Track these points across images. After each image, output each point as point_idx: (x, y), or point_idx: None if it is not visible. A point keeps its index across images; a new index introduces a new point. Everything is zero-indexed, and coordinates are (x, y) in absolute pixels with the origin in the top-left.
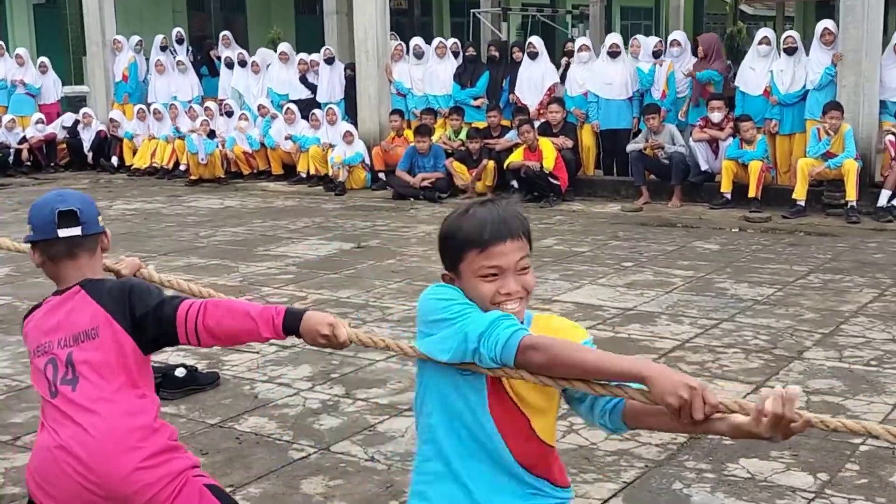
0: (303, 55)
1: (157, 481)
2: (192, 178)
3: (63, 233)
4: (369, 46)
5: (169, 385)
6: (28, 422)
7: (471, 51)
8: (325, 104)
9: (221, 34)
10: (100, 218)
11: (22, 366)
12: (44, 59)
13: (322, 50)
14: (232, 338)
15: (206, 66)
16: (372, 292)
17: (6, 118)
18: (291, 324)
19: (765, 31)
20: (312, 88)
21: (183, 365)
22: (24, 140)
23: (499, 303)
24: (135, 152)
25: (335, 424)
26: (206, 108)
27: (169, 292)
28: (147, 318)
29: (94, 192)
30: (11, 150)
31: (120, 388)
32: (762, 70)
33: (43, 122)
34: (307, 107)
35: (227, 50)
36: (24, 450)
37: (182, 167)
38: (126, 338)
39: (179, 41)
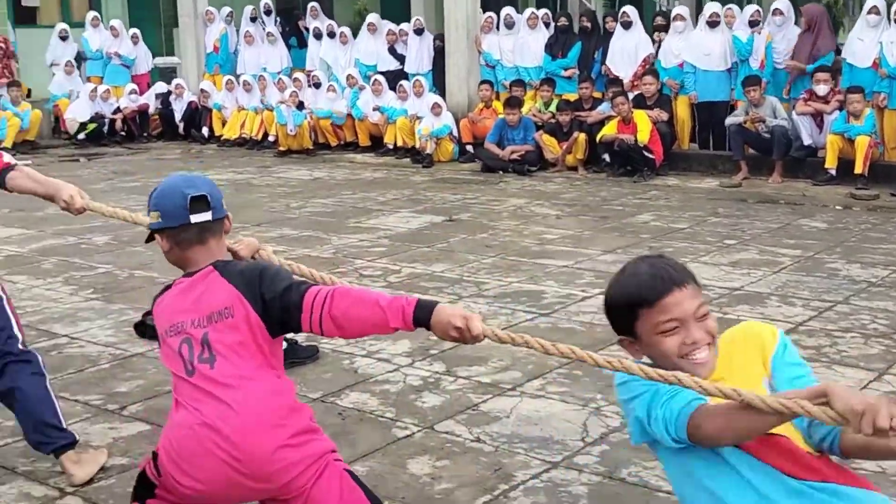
0: (391, 25)
1: (300, 461)
2: (281, 149)
3: (195, 218)
4: (459, 17)
5: None
6: (133, 391)
7: (563, 21)
8: (413, 75)
9: (310, 5)
10: (223, 200)
11: (125, 334)
12: (135, 30)
13: (412, 20)
14: (358, 329)
15: (295, 38)
16: (466, 267)
17: (101, 88)
18: (422, 315)
19: (874, 0)
20: (401, 59)
21: (283, 337)
22: (118, 110)
23: (686, 354)
24: (224, 123)
25: (438, 402)
26: (295, 80)
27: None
28: (274, 301)
29: (185, 162)
30: (106, 120)
31: (259, 367)
32: (871, 41)
33: (136, 93)
34: (395, 78)
35: (315, 21)
36: (130, 419)
37: (270, 138)
38: (256, 319)
39: (268, 12)
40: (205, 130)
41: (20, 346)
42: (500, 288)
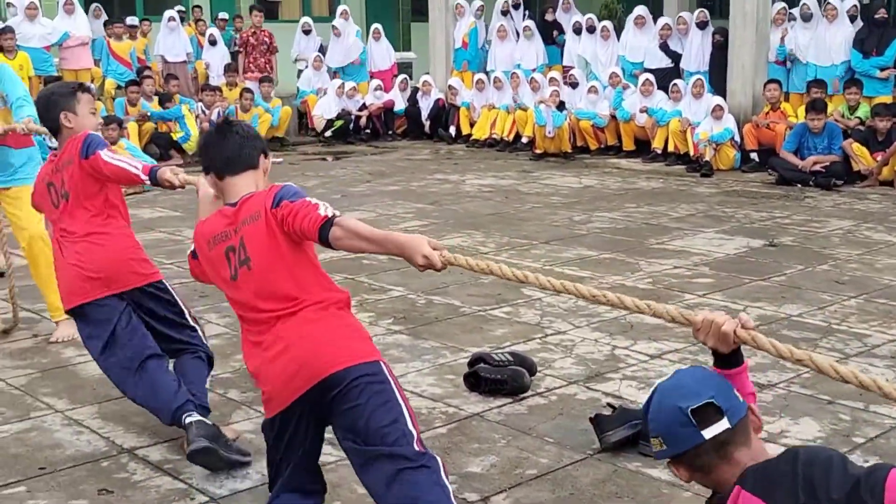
0: (666, 19)
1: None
2: (537, 151)
3: (709, 433)
4: (748, 8)
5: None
6: (489, 473)
7: (881, 13)
8: (691, 74)
9: None
10: (736, 392)
11: (450, 385)
12: (377, 25)
13: (695, 12)
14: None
15: (540, 32)
16: (826, 310)
17: (348, 85)
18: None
19: None
20: (673, 56)
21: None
22: (363, 107)
23: None
24: (472, 123)
25: None
26: (551, 79)
27: None
28: None
29: (437, 163)
30: (352, 117)
31: None
32: None
33: (381, 89)
34: (665, 76)
35: (567, 14)
36: None
37: (524, 139)
38: None
39: (516, 6)
40: (452, 130)
41: (416, 448)
42: (892, 345)
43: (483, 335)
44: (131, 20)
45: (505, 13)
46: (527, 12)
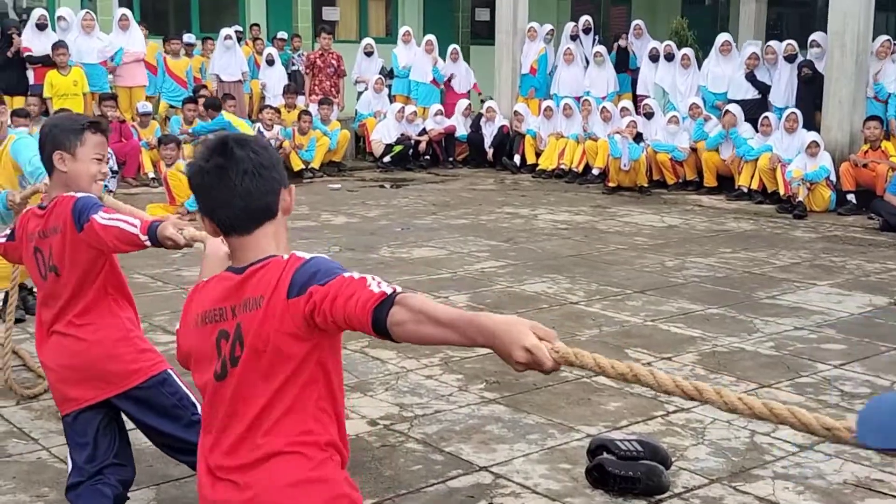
0: (754, 48)
1: None
2: (610, 184)
3: None
4: (847, 40)
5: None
6: None
7: None
8: (781, 108)
9: (634, 23)
10: None
11: (569, 479)
12: (455, 46)
13: (783, 44)
14: None
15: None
16: None
17: (409, 109)
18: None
19: None
20: (761, 87)
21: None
22: (423, 132)
23: None
24: (538, 152)
25: None
26: (622, 108)
27: None
28: None
29: (504, 195)
30: (412, 143)
31: None
32: None
33: (442, 114)
34: (751, 109)
35: (639, 41)
36: None
37: (594, 171)
38: None
39: (586, 31)
40: (517, 158)
41: None
42: None
43: (593, 409)
44: (188, 37)
45: (574, 38)
46: (596, 37)
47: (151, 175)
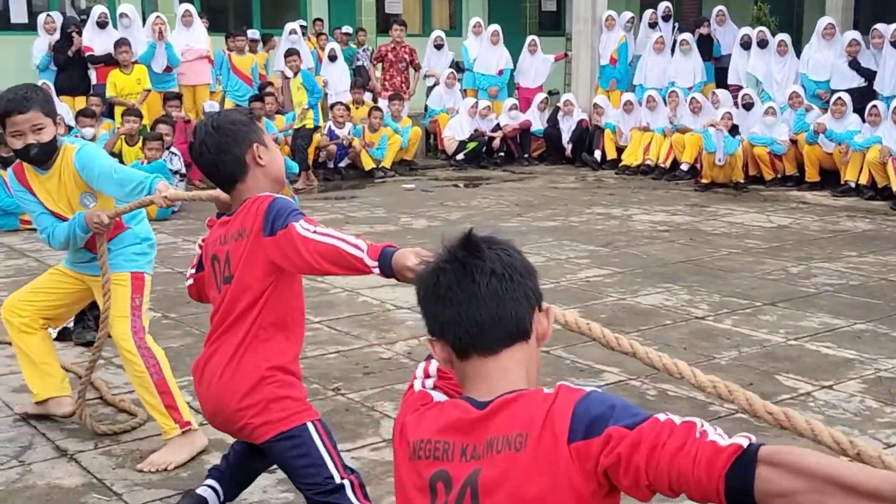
0: (854, 33)
1: None
2: (703, 181)
3: None
4: None
5: None
6: None
7: None
8: (887, 98)
9: (716, 9)
10: None
11: None
12: (533, 37)
13: (890, 28)
14: None
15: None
16: None
17: (482, 104)
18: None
19: None
20: (867, 74)
21: None
22: (497, 128)
23: None
24: (619, 148)
25: None
26: (713, 94)
27: None
28: None
29: (588, 193)
30: (485, 139)
31: None
32: None
33: (517, 108)
34: (859, 98)
35: (721, 28)
36: None
37: (683, 167)
38: None
39: (666, 18)
40: (597, 154)
41: None
42: None
43: None
44: (252, 33)
45: (653, 26)
46: (675, 25)
47: None
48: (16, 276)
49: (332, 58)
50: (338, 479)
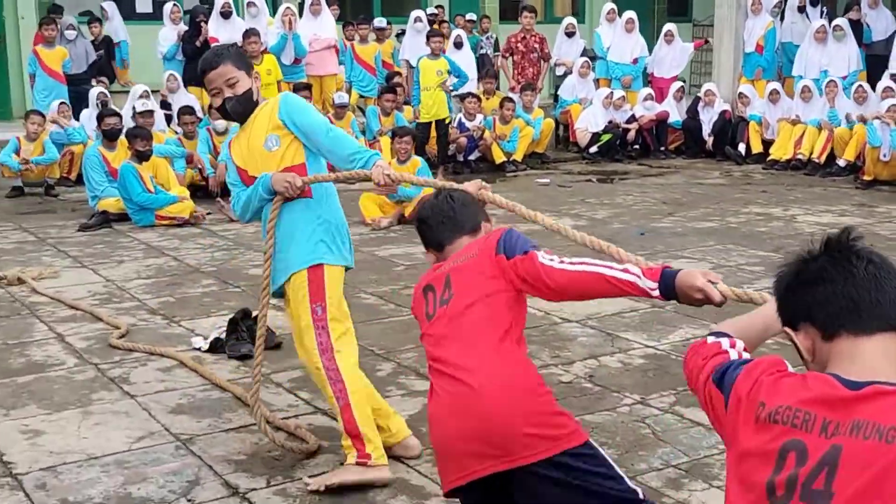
0: None
1: None
2: (866, 178)
3: None
4: None
5: None
6: None
7: None
8: None
9: None
10: None
11: None
12: (671, 26)
13: None
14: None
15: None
16: None
17: (617, 94)
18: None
19: None
20: None
21: None
22: (632, 119)
23: None
24: (765, 141)
25: None
26: (885, 89)
27: None
28: None
29: (738, 190)
30: (620, 131)
31: None
32: None
33: (652, 99)
34: None
35: (874, 11)
36: None
37: (840, 162)
38: None
39: (814, 2)
40: (741, 147)
41: None
42: None
43: None
44: (378, 21)
45: (801, 10)
46: (824, 9)
47: None
48: (157, 276)
49: (458, 45)
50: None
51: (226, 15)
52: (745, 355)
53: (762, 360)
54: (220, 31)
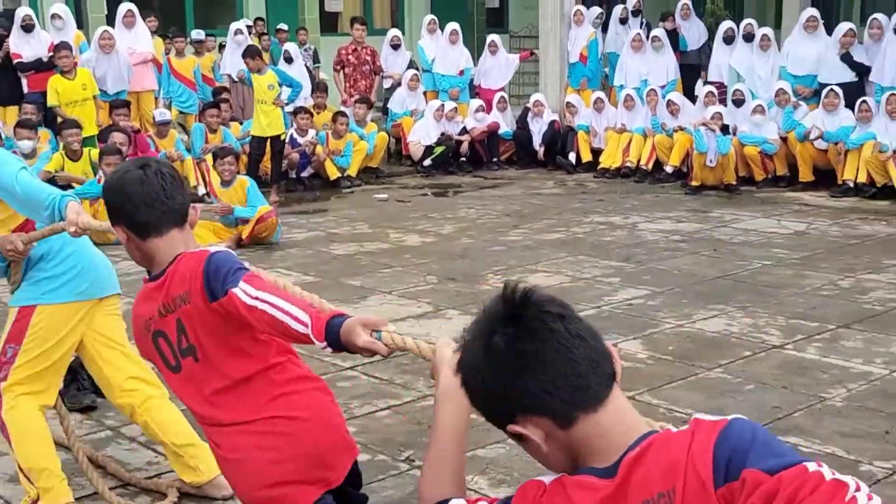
0: (849, 24)
1: None
2: (694, 183)
3: None
4: None
5: None
6: None
7: None
8: (882, 89)
9: (681, 3)
10: None
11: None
12: (495, 37)
13: (893, 17)
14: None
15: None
16: None
17: (449, 106)
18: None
19: None
20: (858, 68)
21: None
22: (464, 131)
23: None
24: (594, 150)
25: None
26: (707, 94)
27: None
28: None
29: (576, 200)
30: (453, 143)
31: None
32: None
33: (483, 110)
34: (850, 93)
35: (686, 22)
36: None
37: (668, 168)
38: None
39: (635, 13)
40: (571, 156)
41: None
42: None
43: None
44: (196, 34)
45: (624, 21)
46: (644, 21)
47: (202, 191)
48: None
49: (289, 59)
50: None
51: (28, 28)
52: None
53: (521, 495)
54: (24, 47)
